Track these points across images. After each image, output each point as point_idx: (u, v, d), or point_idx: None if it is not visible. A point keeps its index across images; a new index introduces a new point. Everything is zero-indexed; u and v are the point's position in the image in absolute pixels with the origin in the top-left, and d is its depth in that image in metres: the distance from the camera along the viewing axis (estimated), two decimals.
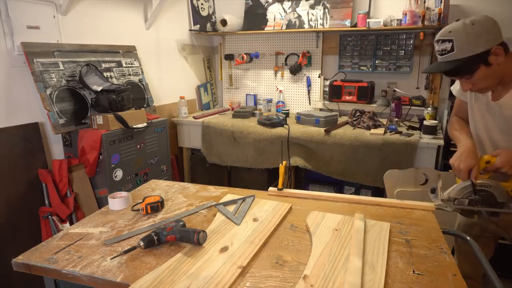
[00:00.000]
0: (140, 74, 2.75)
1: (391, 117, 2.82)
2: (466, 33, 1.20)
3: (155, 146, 2.56)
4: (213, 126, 2.97)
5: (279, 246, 1.11)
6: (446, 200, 1.32)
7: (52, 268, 1.01)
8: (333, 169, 2.61)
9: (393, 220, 1.26)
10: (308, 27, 3.12)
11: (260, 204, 1.38)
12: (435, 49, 1.30)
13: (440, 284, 0.91)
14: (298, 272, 0.97)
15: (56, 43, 2.18)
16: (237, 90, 3.71)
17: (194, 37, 3.49)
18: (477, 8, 2.64)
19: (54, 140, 2.22)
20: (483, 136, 1.45)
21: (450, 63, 1.25)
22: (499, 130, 1.37)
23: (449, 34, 1.22)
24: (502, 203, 1.28)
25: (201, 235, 1.07)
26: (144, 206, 1.34)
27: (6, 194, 1.92)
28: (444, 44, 1.23)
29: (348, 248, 1.05)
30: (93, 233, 1.20)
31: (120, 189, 2.24)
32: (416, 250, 1.07)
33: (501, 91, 1.33)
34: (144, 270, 0.99)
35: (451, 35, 1.21)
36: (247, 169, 2.96)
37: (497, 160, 1.27)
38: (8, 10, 1.92)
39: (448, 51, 1.23)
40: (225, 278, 0.93)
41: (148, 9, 2.89)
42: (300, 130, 2.66)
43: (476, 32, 1.19)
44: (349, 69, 3.12)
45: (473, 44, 1.19)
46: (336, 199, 1.46)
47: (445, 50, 1.24)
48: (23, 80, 2.03)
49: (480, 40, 1.19)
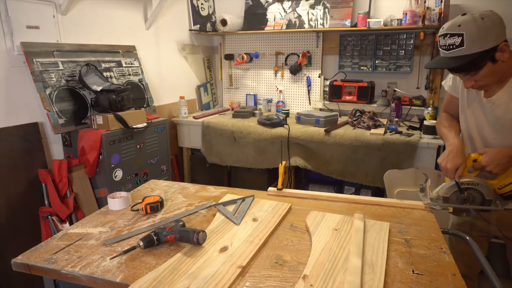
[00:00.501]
0: (140, 74, 2.75)
1: (391, 117, 2.82)
2: (477, 27, 1.14)
3: (155, 146, 2.56)
4: (213, 126, 2.97)
5: (279, 246, 1.11)
6: (435, 198, 1.33)
7: (52, 268, 1.01)
8: (333, 169, 2.61)
9: (393, 220, 1.26)
10: (308, 27, 3.12)
11: (259, 204, 1.38)
12: (440, 44, 1.24)
13: (439, 283, 0.91)
14: (297, 272, 0.97)
15: (55, 43, 2.18)
16: (237, 90, 3.71)
17: (194, 37, 3.49)
18: (477, 8, 2.64)
19: (54, 140, 2.22)
20: (474, 133, 1.44)
21: (457, 58, 1.20)
22: (490, 128, 1.36)
23: (459, 28, 1.16)
24: (490, 201, 1.29)
25: (200, 235, 1.07)
26: (143, 206, 1.34)
27: (6, 194, 1.92)
28: (453, 39, 1.17)
29: (348, 248, 1.05)
30: (93, 233, 1.20)
31: (120, 189, 2.24)
32: (416, 250, 1.07)
33: (495, 88, 1.32)
34: (143, 270, 0.99)
35: (461, 29, 1.15)
36: (247, 169, 2.96)
37: (483, 159, 1.28)
38: (8, 10, 1.92)
39: (457, 46, 1.17)
40: (225, 278, 0.93)
41: (148, 9, 2.89)
42: (300, 130, 2.66)
43: (486, 26, 1.14)
44: (349, 69, 3.12)
45: (484, 39, 1.14)
46: (335, 199, 1.46)
47: (453, 45, 1.18)
48: (23, 80, 2.03)
49: (490, 35, 1.15)
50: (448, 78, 1.56)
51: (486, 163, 1.27)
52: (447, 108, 1.62)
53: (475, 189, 1.29)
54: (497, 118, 1.32)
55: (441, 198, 1.32)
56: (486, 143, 1.39)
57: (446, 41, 1.20)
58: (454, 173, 1.30)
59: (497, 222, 1.46)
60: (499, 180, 1.31)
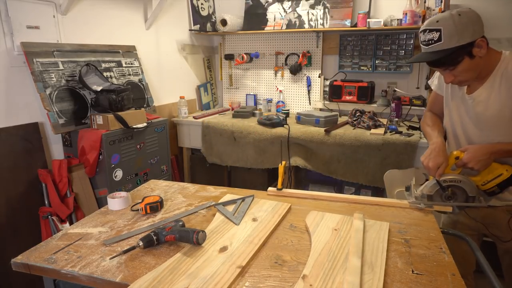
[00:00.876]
0: (140, 74, 2.75)
1: (391, 117, 2.82)
2: (454, 23, 1.19)
3: (155, 146, 2.56)
4: (213, 126, 2.97)
5: (278, 245, 1.11)
6: (419, 197, 1.35)
7: (51, 268, 1.01)
8: (333, 169, 2.61)
9: (392, 220, 1.26)
10: (308, 27, 3.12)
11: (259, 204, 1.38)
12: (420, 40, 1.29)
13: (439, 283, 0.91)
14: (297, 272, 0.97)
15: (56, 43, 2.19)
16: (237, 90, 3.71)
17: (194, 37, 3.49)
18: (477, 8, 2.61)
19: (54, 140, 2.22)
20: (458, 130, 1.46)
21: (436, 53, 1.25)
22: (472, 124, 1.39)
23: (437, 24, 1.22)
24: (473, 197, 1.31)
25: (200, 235, 1.07)
26: (143, 206, 1.34)
27: (6, 194, 1.92)
28: (432, 34, 1.23)
29: (347, 248, 1.05)
30: (92, 233, 1.20)
31: (120, 189, 2.24)
32: (415, 250, 1.07)
33: (476, 85, 1.34)
34: (143, 270, 0.99)
35: (439, 25, 1.21)
36: (247, 169, 2.96)
37: (465, 156, 1.30)
38: (8, 10, 1.92)
39: (435, 40, 1.22)
40: (224, 278, 0.93)
41: (148, 9, 2.89)
42: (300, 130, 2.66)
43: (463, 22, 1.20)
44: (349, 69, 3.12)
45: (460, 34, 1.19)
46: (335, 199, 1.46)
47: (432, 40, 1.24)
48: (23, 80, 2.03)
49: (467, 31, 1.20)
50: (434, 77, 1.59)
51: (467, 160, 1.29)
52: (431, 108, 1.65)
53: (458, 186, 1.31)
54: (478, 115, 1.35)
55: (425, 197, 1.34)
56: (470, 140, 1.41)
57: (426, 37, 1.26)
58: (435, 171, 1.32)
59: (483, 221, 1.48)
60: (482, 176, 1.33)
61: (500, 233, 1.45)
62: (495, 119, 1.31)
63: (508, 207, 1.39)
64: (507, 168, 1.29)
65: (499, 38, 2.60)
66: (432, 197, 1.34)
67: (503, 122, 1.29)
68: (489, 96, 1.30)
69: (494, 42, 2.63)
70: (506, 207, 1.40)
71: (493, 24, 2.59)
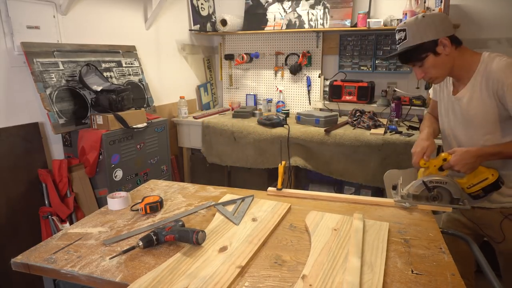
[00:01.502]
0: (140, 74, 2.75)
1: (391, 117, 2.82)
2: (417, 24, 1.34)
3: (155, 146, 2.56)
4: (213, 126, 2.97)
5: (278, 245, 1.11)
6: (405, 196, 1.37)
7: (51, 268, 1.01)
8: (333, 169, 2.61)
9: (392, 220, 1.26)
10: (308, 27, 3.12)
11: (259, 204, 1.38)
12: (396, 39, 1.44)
13: (438, 283, 0.91)
14: (297, 272, 0.97)
15: (56, 43, 2.19)
16: (237, 90, 3.71)
17: (194, 37, 3.50)
18: (477, 8, 2.64)
19: (54, 140, 2.22)
20: (448, 132, 1.52)
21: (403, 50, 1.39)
22: (459, 125, 1.44)
23: (403, 25, 1.38)
24: (458, 199, 1.33)
25: (200, 235, 1.07)
26: (143, 206, 1.34)
27: (6, 194, 1.93)
28: (400, 34, 1.39)
29: (347, 248, 1.05)
30: (92, 233, 1.20)
31: (120, 189, 2.24)
32: (415, 250, 1.07)
33: (459, 86, 1.42)
34: (143, 270, 0.99)
35: (405, 26, 1.37)
36: (247, 169, 2.96)
37: (452, 159, 1.33)
38: (8, 10, 1.92)
39: (402, 39, 1.37)
40: (224, 278, 0.93)
41: (148, 9, 2.89)
42: (300, 130, 2.66)
43: (425, 23, 1.33)
44: (349, 69, 3.12)
45: (422, 33, 1.32)
46: (335, 199, 1.46)
47: (400, 39, 1.39)
48: (23, 80, 2.03)
49: (429, 30, 1.32)
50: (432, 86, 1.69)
51: (453, 163, 1.32)
52: (431, 111, 1.73)
53: (443, 187, 1.33)
54: (463, 115, 1.41)
55: (411, 196, 1.36)
56: (459, 142, 1.47)
57: (396, 36, 1.42)
58: (422, 155, 1.38)
59: (478, 221, 1.50)
60: (468, 179, 1.35)
61: (493, 234, 1.47)
62: (478, 118, 1.36)
63: (502, 209, 1.41)
64: (492, 173, 1.32)
65: (499, 38, 2.61)
66: (418, 197, 1.36)
67: (485, 121, 1.35)
68: (472, 96, 1.36)
69: (494, 42, 2.64)
70: (500, 209, 1.42)
71: (493, 24, 2.60)
